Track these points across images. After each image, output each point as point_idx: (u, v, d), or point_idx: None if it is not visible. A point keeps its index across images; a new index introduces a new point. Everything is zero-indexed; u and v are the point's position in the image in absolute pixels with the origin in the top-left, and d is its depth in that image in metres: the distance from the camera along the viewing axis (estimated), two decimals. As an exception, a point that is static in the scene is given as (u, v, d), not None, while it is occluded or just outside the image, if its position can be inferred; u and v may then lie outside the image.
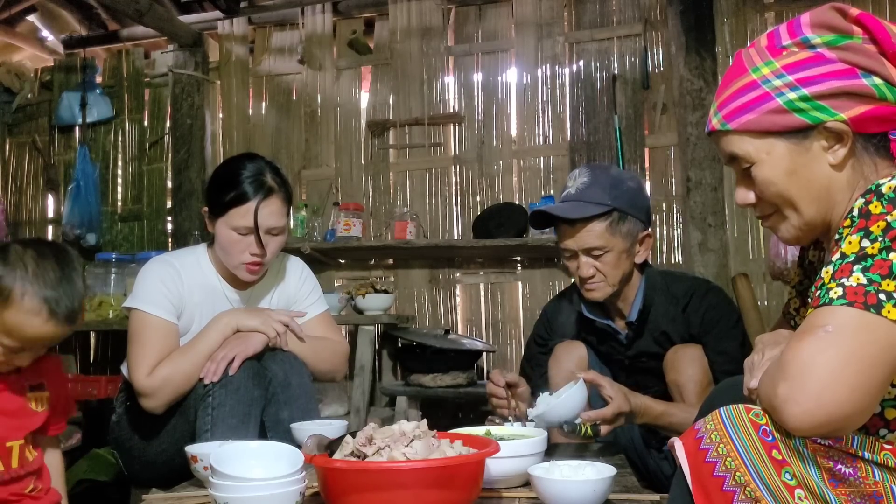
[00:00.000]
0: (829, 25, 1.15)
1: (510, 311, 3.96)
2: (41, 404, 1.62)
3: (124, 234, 4.50)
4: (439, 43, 4.09)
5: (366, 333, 3.66)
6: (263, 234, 1.99)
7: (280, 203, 2.03)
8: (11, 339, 1.48)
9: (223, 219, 2.00)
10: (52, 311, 1.48)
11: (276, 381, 1.98)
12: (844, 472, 1.00)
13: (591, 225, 1.95)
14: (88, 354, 4.38)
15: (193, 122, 4.23)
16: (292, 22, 4.30)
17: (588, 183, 1.98)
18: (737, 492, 1.01)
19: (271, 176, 2.02)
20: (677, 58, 3.55)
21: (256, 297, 2.18)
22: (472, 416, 3.67)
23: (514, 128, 4.03)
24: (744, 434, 1.03)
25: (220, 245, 2.03)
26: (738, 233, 3.64)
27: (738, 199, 1.27)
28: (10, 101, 4.72)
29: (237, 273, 2.05)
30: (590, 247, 1.96)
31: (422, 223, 4.00)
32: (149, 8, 3.73)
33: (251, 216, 1.97)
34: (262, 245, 2.00)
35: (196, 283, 2.06)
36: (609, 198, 1.95)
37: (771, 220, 1.25)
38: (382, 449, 1.30)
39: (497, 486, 1.49)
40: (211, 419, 1.84)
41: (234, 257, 2.01)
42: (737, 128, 1.20)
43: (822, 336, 0.99)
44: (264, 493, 1.21)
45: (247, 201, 1.97)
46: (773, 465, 1.01)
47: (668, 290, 2.08)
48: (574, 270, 2.03)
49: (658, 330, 2.07)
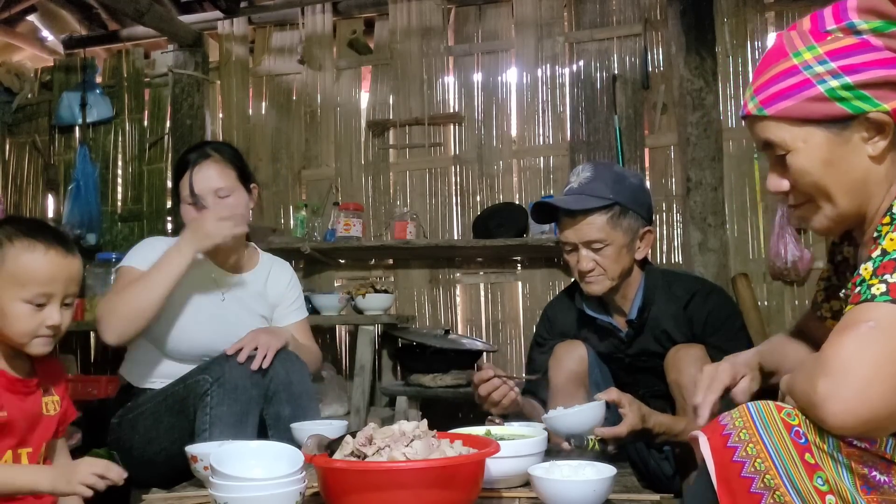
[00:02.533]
0: (878, 11, 1.10)
1: (510, 311, 3.96)
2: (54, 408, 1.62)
3: (124, 234, 4.50)
4: (439, 43, 4.09)
5: (366, 333, 3.66)
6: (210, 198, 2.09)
7: (218, 166, 2.13)
8: (28, 288, 1.48)
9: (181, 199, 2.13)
10: (45, 241, 1.51)
11: (279, 380, 1.98)
12: (879, 479, 0.97)
13: (592, 217, 1.96)
14: (88, 354, 4.38)
15: (193, 122, 4.23)
16: (292, 22, 4.30)
17: (591, 178, 1.99)
18: (765, 495, 0.97)
19: (210, 147, 2.18)
20: (677, 58, 3.55)
21: (240, 282, 2.23)
22: (472, 416, 3.66)
23: (514, 128, 4.03)
24: (775, 434, 0.99)
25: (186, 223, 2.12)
26: (738, 233, 3.64)
27: (771, 187, 1.23)
28: (10, 101, 4.71)
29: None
30: (590, 239, 1.97)
31: (422, 223, 4.00)
32: (149, 8, 3.72)
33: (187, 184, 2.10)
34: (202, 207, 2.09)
35: None
36: (611, 192, 1.96)
37: (803, 210, 1.22)
38: (382, 449, 1.30)
39: (497, 486, 1.49)
40: (209, 418, 1.84)
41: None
42: (774, 114, 1.16)
43: (866, 332, 0.96)
44: (264, 493, 1.21)
45: (184, 172, 2.12)
46: (806, 469, 0.96)
47: (668, 289, 2.08)
48: (574, 264, 2.03)
49: (659, 328, 2.06)
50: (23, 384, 1.56)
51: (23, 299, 1.49)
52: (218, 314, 2.15)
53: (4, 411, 1.49)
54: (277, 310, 2.30)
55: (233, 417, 1.84)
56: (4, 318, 1.49)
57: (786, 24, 3.66)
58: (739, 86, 3.68)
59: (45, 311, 1.51)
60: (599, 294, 2.04)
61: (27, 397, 1.56)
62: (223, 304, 2.18)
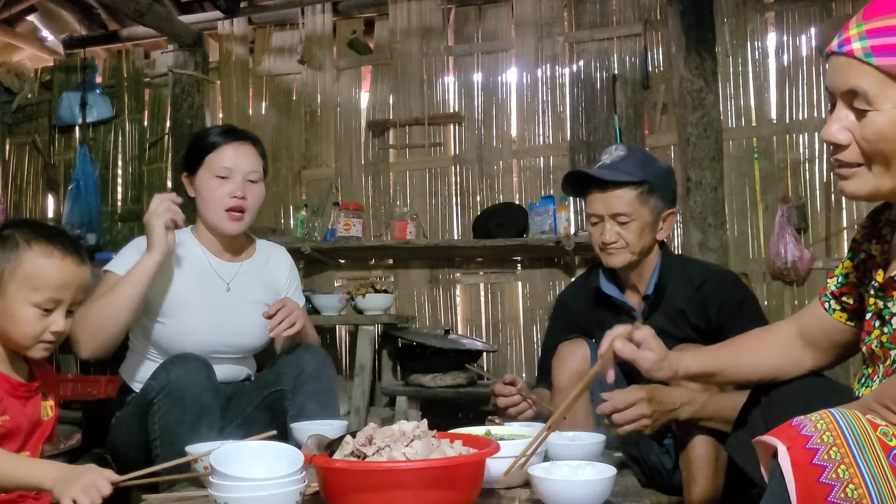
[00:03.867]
0: None
1: (510, 311, 3.96)
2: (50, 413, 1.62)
3: (124, 234, 4.49)
4: (439, 43, 4.09)
5: (366, 333, 3.66)
6: (242, 179, 2.08)
7: (253, 150, 2.14)
8: (41, 293, 1.49)
9: (202, 168, 2.09)
10: (62, 248, 1.52)
11: (307, 373, 2.00)
12: None
13: (622, 191, 2.03)
14: (88, 354, 4.38)
15: (193, 122, 4.23)
16: (292, 22, 4.30)
17: (624, 157, 2.08)
18: None
19: (246, 132, 2.17)
20: (677, 58, 3.55)
21: (244, 270, 2.19)
22: (472, 416, 3.67)
23: (514, 128, 4.03)
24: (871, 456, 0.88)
25: (203, 198, 2.09)
26: (738, 233, 3.64)
27: (827, 135, 1.13)
28: (10, 101, 4.72)
29: (220, 225, 2.09)
30: (618, 212, 2.03)
31: (422, 223, 4.00)
32: (149, 8, 3.73)
33: (227, 157, 2.07)
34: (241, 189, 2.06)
35: (181, 254, 2.10)
36: (642, 171, 2.05)
37: (849, 171, 1.13)
38: (382, 449, 1.30)
39: (497, 486, 1.49)
40: (158, 429, 1.83)
41: (215, 204, 2.07)
42: (882, 65, 1.04)
43: None
44: (264, 493, 1.21)
45: (221, 145, 2.09)
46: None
47: (683, 272, 2.13)
48: (597, 236, 2.09)
49: (675, 309, 2.09)
50: (25, 388, 1.56)
51: (33, 303, 1.49)
52: (225, 308, 2.11)
53: (7, 415, 1.49)
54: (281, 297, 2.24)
55: (183, 427, 1.80)
56: (12, 320, 1.49)
57: (786, 24, 3.66)
58: (739, 86, 3.68)
59: (52, 317, 1.52)
60: (618, 266, 2.09)
61: (28, 402, 1.56)
62: (229, 295, 2.14)
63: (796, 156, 3.60)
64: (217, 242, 2.17)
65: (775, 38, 3.69)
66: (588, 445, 1.65)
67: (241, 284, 2.17)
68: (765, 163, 3.64)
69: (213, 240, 2.16)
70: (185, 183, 2.16)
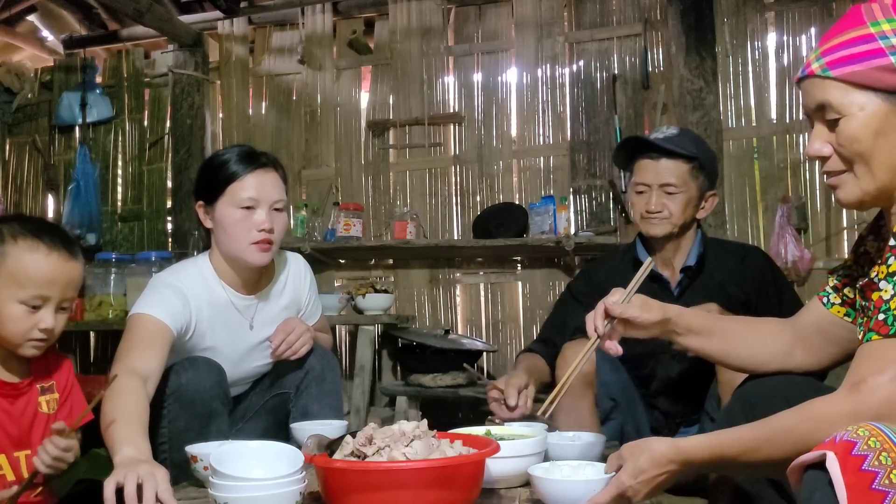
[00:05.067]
0: None
1: (510, 311, 3.96)
2: (51, 407, 1.61)
3: (124, 234, 4.50)
4: (439, 43, 4.09)
5: (366, 333, 3.66)
6: (268, 209, 1.92)
7: (278, 178, 1.98)
8: (26, 289, 1.47)
9: (222, 199, 1.91)
10: (49, 243, 1.49)
11: (313, 374, 2.00)
12: None
13: (675, 163, 2.11)
14: (88, 354, 4.38)
15: (193, 122, 4.23)
16: (292, 22, 4.30)
17: (677, 134, 2.16)
18: None
19: (268, 157, 2.00)
20: (677, 58, 3.55)
21: (265, 301, 2.07)
22: (472, 416, 3.67)
23: (514, 128, 4.03)
24: None
25: (226, 231, 1.92)
26: (739, 233, 3.64)
27: (811, 151, 1.23)
28: (10, 101, 4.72)
29: (248, 258, 1.92)
30: (668, 182, 2.10)
31: (422, 223, 4.00)
32: (149, 8, 3.73)
33: (251, 187, 1.90)
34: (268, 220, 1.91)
35: (203, 298, 1.95)
36: (695, 148, 2.13)
37: (837, 179, 1.22)
38: (382, 449, 1.30)
39: (497, 486, 1.49)
40: (167, 432, 1.81)
41: (241, 238, 1.90)
42: (838, 76, 1.17)
43: None
44: (264, 493, 1.21)
45: (243, 174, 1.91)
46: None
47: (723, 248, 2.24)
48: (641, 205, 2.14)
49: (713, 281, 2.14)
50: (11, 387, 1.54)
51: (19, 300, 1.47)
52: (249, 348, 2.05)
53: None
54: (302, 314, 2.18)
55: (191, 433, 1.77)
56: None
57: (786, 24, 3.66)
58: (739, 86, 3.68)
59: (40, 314, 1.49)
60: (658, 235, 2.14)
61: (16, 400, 1.54)
62: (253, 334, 2.04)
63: (796, 156, 3.60)
64: (236, 276, 2.00)
65: (775, 38, 3.69)
66: (588, 445, 1.65)
67: (264, 319, 2.06)
68: (765, 163, 3.64)
69: (231, 273, 2.00)
70: (199, 212, 1.99)
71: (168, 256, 3.88)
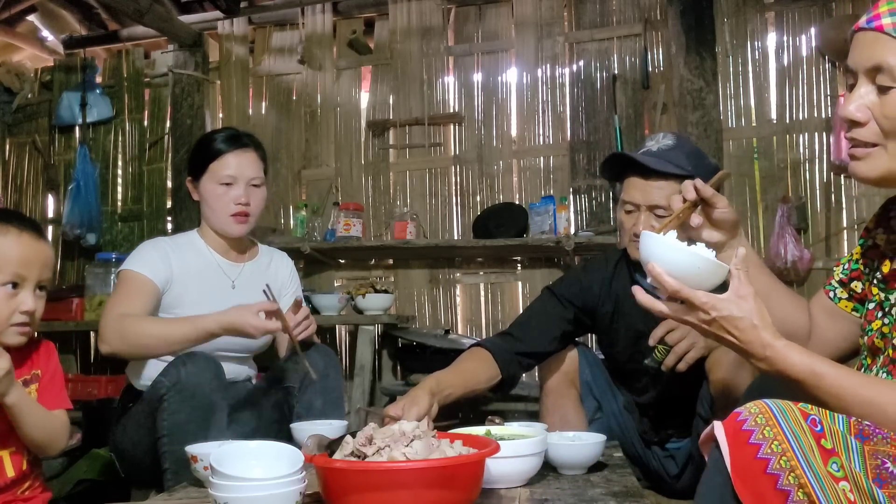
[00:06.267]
0: None
1: (510, 311, 3.95)
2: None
3: (124, 234, 4.50)
4: (439, 43, 4.09)
5: (366, 333, 3.66)
6: (245, 185, 2.15)
7: (255, 156, 2.21)
8: (3, 271, 1.49)
9: (205, 176, 2.16)
10: (18, 225, 1.52)
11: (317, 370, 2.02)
12: (892, 470, 0.94)
13: (665, 182, 1.86)
14: (88, 354, 4.38)
15: (193, 122, 4.23)
16: (292, 22, 4.31)
17: (672, 146, 1.92)
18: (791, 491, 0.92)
19: (244, 136, 2.23)
20: (677, 58, 3.55)
21: (248, 267, 2.26)
22: (472, 416, 3.67)
23: (514, 128, 4.03)
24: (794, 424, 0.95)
25: (208, 204, 2.16)
26: (738, 233, 3.64)
27: (846, 111, 1.12)
28: (10, 101, 4.71)
29: (227, 229, 2.16)
30: (657, 204, 1.87)
31: (422, 223, 4.01)
32: (149, 8, 3.73)
33: (230, 165, 2.14)
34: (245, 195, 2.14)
35: (190, 255, 2.16)
36: (690, 165, 1.87)
37: (864, 151, 1.13)
38: (382, 449, 1.30)
39: (497, 486, 1.49)
40: (167, 425, 1.84)
41: (221, 210, 2.14)
42: None
43: None
44: (264, 493, 1.21)
45: (223, 153, 2.15)
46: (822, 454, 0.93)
47: None
48: (629, 226, 1.93)
49: None
50: None
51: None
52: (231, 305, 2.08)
53: None
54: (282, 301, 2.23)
55: (192, 425, 1.82)
56: None
57: (786, 24, 3.66)
58: (739, 86, 3.68)
59: (20, 297, 1.51)
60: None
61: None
62: (234, 293, 2.16)
63: (796, 156, 3.60)
64: (222, 243, 2.23)
65: (775, 38, 3.69)
66: (588, 445, 1.65)
67: (246, 283, 2.22)
68: (765, 163, 3.64)
69: (219, 240, 2.22)
70: (189, 187, 2.23)
71: (168, 256, 3.88)
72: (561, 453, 1.61)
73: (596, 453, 1.64)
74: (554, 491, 1.48)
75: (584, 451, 1.63)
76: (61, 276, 4.47)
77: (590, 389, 2.10)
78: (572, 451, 1.62)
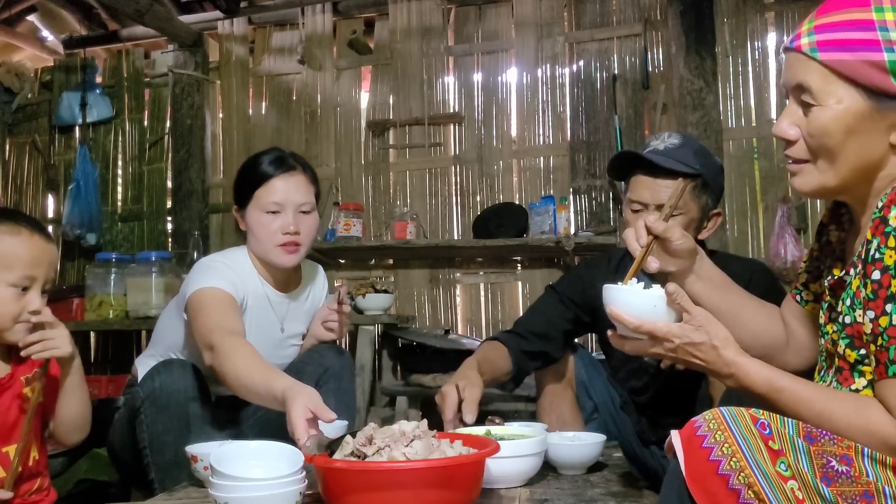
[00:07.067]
0: None
1: (510, 311, 3.95)
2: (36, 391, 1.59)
3: (124, 234, 4.50)
4: (439, 43, 4.09)
5: (366, 333, 3.66)
6: (293, 212, 2.00)
7: (304, 180, 2.06)
8: (14, 271, 1.49)
9: (251, 204, 2.00)
10: (28, 226, 1.53)
11: (332, 371, 2.03)
12: (837, 469, 0.98)
13: (673, 181, 1.82)
14: (88, 354, 4.38)
15: (193, 122, 4.24)
16: (292, 22, 4.30)
17: (679, 145, 1.90)
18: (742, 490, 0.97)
19: (290, 157, 2.08)
20: (677, 58, 3.55)
21: (294, 301, 2.14)
22: (472, 416, 3.67)
23: (514, 128, 4.03)
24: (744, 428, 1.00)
25: (254, 234, 2.01)
26: (738, 233, 3.64)
27: (778, 130, 1.15)
28: (10, 101, 4.72)
29: (275, 259, 2.00)
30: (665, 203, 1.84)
31: (422, 223, 4.01)
32: (149, 8, 3.73)
33: (276, 191, 1.99)
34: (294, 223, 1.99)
35: (248, 283, 2.02)
36: (698, 164, 1.86)
37: (797, 167, 1.16)
38: (382, 449, 1.30)
39: (497, 486, 1.49)
40: (147, 437, 1.82)
41: (268, 241, 1.98)
42: (825, 60, 1.07)
43: None
44: (264, 493, 1.21)
45: (270, 178, 2.00)
46: (770, 455, 0.98)
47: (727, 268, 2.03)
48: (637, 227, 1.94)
49: None
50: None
51: (8, 283, 1.49)
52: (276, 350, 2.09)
53: None
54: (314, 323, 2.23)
55: (170, 435, 1.79)
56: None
57: (786, 24, 3.66)
58: (739, 86, 3.68)
59: (28, 296, 1.52)
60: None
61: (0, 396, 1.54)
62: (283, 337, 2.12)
63: (796, 156, 3.59)
64: (270, 272, 2.08)
65: (775, 38, 3.69)
66: (588, 445, 1.65)
67: (292, 323, 2.14)
68: (765, 163, 3.64)
69: (267, 272, 2.08)
70: (236, 216, 2.08)
71: (168, 256, 3.88)
72: (561, 453, 1.62)
73: (595, 453, 1.64)
74: (554, 491, 1.49)
75: (583, 452, 1.63)
76: (61, 276, 4.47)
77: (586, 389, 2.10)
78: (572, 451, 1.62)
